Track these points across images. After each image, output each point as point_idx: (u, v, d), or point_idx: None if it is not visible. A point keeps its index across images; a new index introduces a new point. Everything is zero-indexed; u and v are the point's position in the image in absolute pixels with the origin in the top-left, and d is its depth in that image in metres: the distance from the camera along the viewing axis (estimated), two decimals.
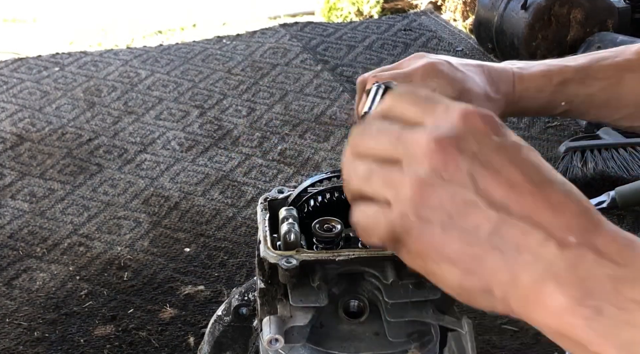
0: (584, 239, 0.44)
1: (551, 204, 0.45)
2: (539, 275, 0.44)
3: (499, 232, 0.45)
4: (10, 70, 2.75)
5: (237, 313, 0.81)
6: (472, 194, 0.45)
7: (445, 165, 0.46)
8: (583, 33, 2.55)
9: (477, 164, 0.46)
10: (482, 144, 0.47)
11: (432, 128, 0.47)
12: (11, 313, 1.67)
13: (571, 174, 2.03)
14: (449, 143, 0.46)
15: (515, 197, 0.45)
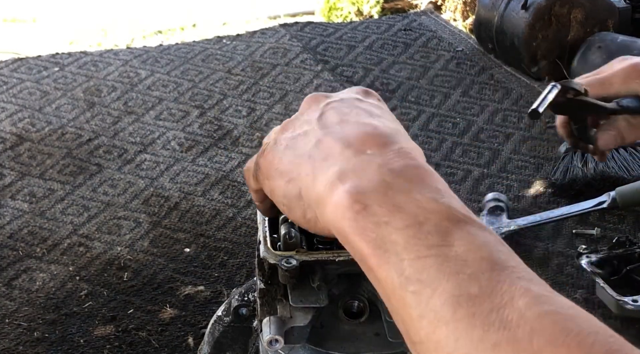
0: (378, 151, 0.51)
1: (365, 132, 0.53)
2: (332, 174, 0.51)
3: (318, 146, 0.54)
4: (10, 71, 2.75)
5: (237, 313, 0.81)
6: (315, 123, 0.55)
7: (309, 106, 0.58)
8: (583, 33, 2.55)
9: (331, 107, 0.57)
10: (346, 100, 0.58)
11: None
12: (11, 313, 1.67)
13: (571, 174, 2.03)
14: (322, 95, 0.59)
15: (340, 124, 0.54)
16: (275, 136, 0.58)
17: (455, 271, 0.44)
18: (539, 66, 2.59)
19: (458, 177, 2.12)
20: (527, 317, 0.41)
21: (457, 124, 2.39)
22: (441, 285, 0.44)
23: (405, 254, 0.46)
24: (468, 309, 0.42)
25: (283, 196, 0.56)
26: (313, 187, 0.52)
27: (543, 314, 0.41)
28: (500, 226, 1.83)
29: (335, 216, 0.49)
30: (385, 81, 2.66)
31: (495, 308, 0.42)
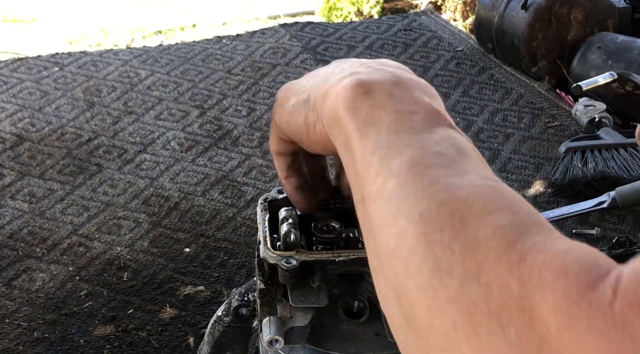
0: (394, 68, 0.54)
1: (383, 62, 0.56)
2: (346, 72, 0.53)
3: (336, 68, 0.57)
4: (10, 70, 2.75)
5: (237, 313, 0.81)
6: (336, 62, 0.59)
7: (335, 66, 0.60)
8: (583, 33, 2.55)
9: (354, 59, 0.59)
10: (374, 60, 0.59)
11: None
12: (11, 313, 1.67)
13: (571, 174, 2.03)
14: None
15: (358, 65, 0.56)
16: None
17: (424, 144, 0.47)
18: (539, 66, 2.59)
19: None
20: (472, 184, 0.43)
21: (457, 123, 2.39)
22: (407, 152, 0.46)
23: (386, 130, 0.48)
24: (422, 170, 0.45)
25: (291, 106, 0.58)
26: (323, 86, 0.55)
27: (488, 186, 0.43)
28: None
29: (336, 101, 0.51)
30: None
31: (447, 174, 0.44)
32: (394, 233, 0.44)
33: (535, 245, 0.38)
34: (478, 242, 0.40)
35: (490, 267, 0.38)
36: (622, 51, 2.39)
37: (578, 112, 2.30)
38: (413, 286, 0.42)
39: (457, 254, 0.40)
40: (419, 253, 0.42)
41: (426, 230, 0.42)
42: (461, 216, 0.41)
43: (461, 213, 0.42)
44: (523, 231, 0.39)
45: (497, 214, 0.41)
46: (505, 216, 0.41)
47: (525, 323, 0.36)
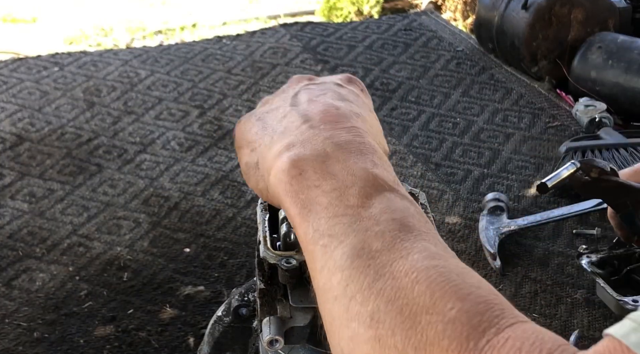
0: (330, 127, 0.55)
1: (326, 111, 0.56)
2: (283, 145, 0.55)
3: (282, 120, 0.58)
4: (9, 70, 2.75)
5: (237, 313, 0.81)
6: (288, 100, 0.60)
7: (290, 85, 0.64)
8: (584, 33, 2.55)
9: (308, 88, 0.62)
10: (326, 84, 0.63)
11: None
12: (10, 313, 1.67)
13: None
14: (305, 77, 0.66)
15: (308, 103, 0.58)
16: (254, 111, 0.64)
17: (364, 228, 0.46)
18: (539, 66, 2.59)
19: (458, 177, 2.12)
20: (417, 268, 0.43)
21: (457, 124, 2.39)
22: (348, 239, 0.46)
23: (324, 213, 0.48)
24: (365, 261, 0.44)
25: (245, 164, 0.61)
26: (267, 157, 0.56)
27: (432, 267, 0.43)
28: (501, 226, 1.83)
29: (276, 179, 0.53)
30: (385, 81, 2.65)
31: (390, 261, 0.44)
32: (347, 337, 0.43)
33: (486, 335, 0.38)
34: (430, 342, 0.39)
35: None
36: (623, 51, 2.39)
37: (578, 112, 2.30)
38: None
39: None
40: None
41: (378, 334, 0.41)
42: (410, 312, 0.41)
43: (410, 309, 0.41)
44: (474, 322, 0.39)
45: (444, 306, 0.40)
46: (454, 305, 0.40)
47: None
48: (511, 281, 1.70)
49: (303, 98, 0.60)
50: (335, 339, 0.44)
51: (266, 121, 0.60)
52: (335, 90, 0.62)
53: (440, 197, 2.03)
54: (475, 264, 1.78)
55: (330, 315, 0.45)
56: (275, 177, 0.53)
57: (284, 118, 0.58)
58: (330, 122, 0.56)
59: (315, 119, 0.56)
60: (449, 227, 1.90)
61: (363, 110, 0.60)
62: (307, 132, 0.55)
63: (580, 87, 2.45)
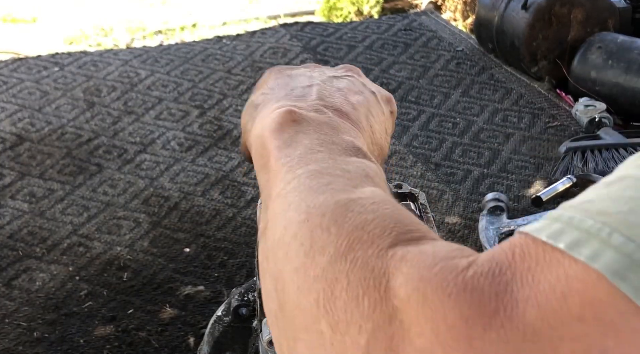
0: (339, 116, 0.56)
1: (346, 111, 0.58)
2: (292, 104, 0.56)
3: (305, 88, 0.59)
4: (9, 70, 2.75)
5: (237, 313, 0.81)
6: (327, 77, 0.63)
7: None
8: (584, 33, 2.55)
9: (349, 78, 0.64)
10: (362, 85, 0.64)
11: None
12: (11, 313, 1.67)
13: (572, 174, 2.03)
14: (315, 65, 0.68)
15: (338, 93, 0.60)
16: (295, 67, 0.67)
17: (334, 162, 0.49)
18: (539, 66, 2.59)
19: (458, 177, 2.12)
20: (366, 191, 0.45)
21: (457, 124, 2.39)
22: (315, 164, 0.48)
23: (303, 147, 0.50)
24: (323, 175, 0.46)
25: (250, 101, 0.63)
26: (270, 105, 0.58)
27: (379, 194, 0.45)
28: (500, 226, 1.83)
29: (268, 121, 0.54)
30: (385, 81, 2.65)
31: (346, 183, 0.46)
32: (282, 226, 0.45)
33: (410, 234, 0.39)
34: (356, 225, 0.40)
35: (360, 247, 0.39)
36: (623, 51, 2.39)
37: (578, 112, 2.30)
38: (288, 269, 0.42)
39: (332, 234, 0.41)
40: (298, 238, 0.42)
41: (309, 216, 0.43)
42: (345, 204, 0.43)
43: (346, 203, 0.43)
44: (403, 221, 0.40)
45: (381, 206, 0.42)
46: (389, 207, 0.42)
47: (380, 294, 0.36)
48: None
49: (339, 84, 0.62)
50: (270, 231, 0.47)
51: (293, 79, 0.63)
52: (367, 97, 0.63)
53: (440, 197, 2.03)
54: None
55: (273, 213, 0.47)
56: (269, 118, 0.55)
57: (308, 87, 0.60)
58: (341, 112, 0.58)
59: (330, 103, 0.58)
60: (449, 227, 1.90)
61: (378, 126, 0.63)
62: (316, 107, 0.57)
63: (580, 87, 2.45)
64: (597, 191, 0.35)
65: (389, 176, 2.10)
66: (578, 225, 0.33)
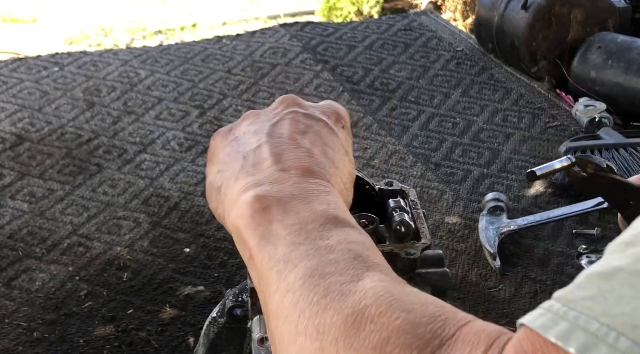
0: (301, 175, 0.55)
1: (300, 159, 0.56)
2: (251, 181, 0.55)
3: (256, 151, 0.58)
4: (9, 70, 2.75)
5: (232, 314, 0.81)
6: (268, 127, 0.60)
7: (279, 105, 0.63)
8: (584, 33, 2.55)
9: (292, 118, 0.61)
10: (313, 117, 0.62)
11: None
12: (10, 313, 1.67)
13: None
14: (295, 100, 0.64)
15: (287, 139, 0.58)
16: (233, 125, 0.64)
17: (319, 255, 0.47)
18: (539, 66, 2.59)
19: (458, 177, 2.12)
20: (365, 288, 0.44)
21: (457, 124, 2.39)
22: (302, 264, 0.47)
23: (283, 243, 0.49)
24: (316, 281, 0.45)
25: (209, 183, 0.61)
26: (231, 188, 0.57)
27: (380, 287, 0.43)
28: (500, 226, 1.83)
29: (238, 212, 0.53)
30: (385, 81, 2.65)
31: (340, 282, 0.45)
32: (294, 352, 0.44)
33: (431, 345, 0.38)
34: (372, 347, 0.40)
35: None
36: (622, 51, 2.39)
37: (578, 112, 2.30)
38: None
39: None
40: None
41: (323, 345, 0.42)
42: (354, 321, 0.41)
43: (354, 319, 0.42)
44: (418, 332, 0.39)
45: (390, 316, 0.41)
46: (398, 316, 0.41)
47: None
48: (511, 281, 1.70)
49: (284, 131, 0.60)
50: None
51: (240, 144, 0.60)
52: (317, 130, 0.61)
53: (440, 197, 2.03)
54: (475, 264, 1.78)
55: (280, 334, 0.45)
56: (238, 209, 0.54)
57: (258, 149, 0.58)
58: (302, 169, 0.56)
59: (288, 163, 0.57)
60: (448, 227, 1.90)
61: (339, 155, 0.60)
62: (277, 174, 0.55)
63: (580, 87, 2.45)
64: (593, 284, 0.36)
65: (389, 176, 2.11)
66: (585, 327, 0.34)
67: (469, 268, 1.77)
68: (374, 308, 0.42)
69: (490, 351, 0.37)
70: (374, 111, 2.47)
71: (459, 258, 1.80)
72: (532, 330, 0.35)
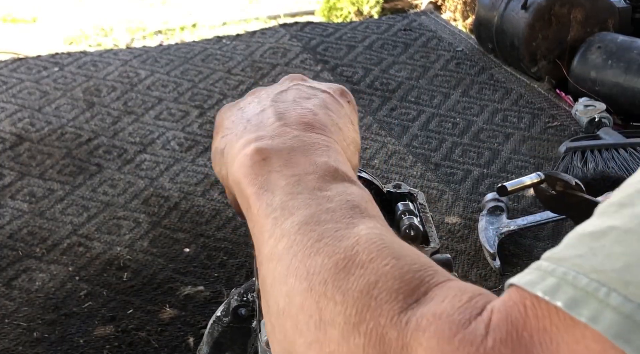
0: (302, 130, 0.56)
1: (303, 115, 0.57)
2: (253, 136, 0.56)
3: (260, 113, 0.59)
4: (9, 71, 2.75)
5: (236, 313, 0.81)
6: (273, 95, 0.62)
7: (284, 81, 0.67)
8: (583, 33, 2.55)
9: (297, 88, 0.64)
10: (317, 89, 0.65)
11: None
12: (10, 313, 1.67)
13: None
14: (301, 77, 0.70)
15: (291, 103, 0.59)
16: (240, 99, 0.65)
17: (317, 204, 0.48)
18: (539, 66, 2.59)
19: (458, 177, 2.12)
20: (359, 234, 0.44)
21: (457, 124, 2.39)
22: (299, 212, 0.47)
23: (281, 192, 0.50)
24: (312, 228, 0.46)
25: (214, 148, 0.62)
26: (233, 146, 0.57)
27: (374, 235, 0.44)
28: (500, 226, 1.83)
29: (238, 163, 0.54)
30: (385, 81, 2.65)
31: (335, 229, 0.45)
32: (284, 293, 0.44)
33: (417, 291, 0.38)
34: (360, 290, 0.40)
35: (371, 315, 0.38)
36: (622, 51, 2.39)
37: (578, 112, 2.30)
38: (301, 343, 0.42)
39: (339, 304, 0.40)
40: (305, 309, 0.42)
41: (312, 285, 0.42)
42: (345, 266, 0.42)
43: (345, 263, 0.42)
44: (406, 278, 0.40)
45: (380, 262, 0.41)
46: (388, 262, 0.41)
47: None
48: None
49: (288, 97, 0.62)
50: (272, 297, 0.45)
51: (245, 111, 0.62)
52: (322, 97, 0.62)
53: (440, 197, 2.03)
54: (475, 264, 1.78)
55: (272, 277, 0.46)
56: (238, 161, 0.54)
57: (262, 112, 0.60)
58: (304, 124, 0.57)
59: (291, 119, 0.57)
60: (448, 227, 1.90)
61: (343, 121, 0.61)
62: (279, 129, 0.56)
63: (579, 87, 2.45)
64: (584, 243, 0.35)
65: (389, 176, 2.11)
66: (573, 282, 0.33)
67: (469, 267, 1.77)
68: (365, 253, 0.42)
69: (475, 299, 0.37)
70: (374, 111, 2.47)
71: (459, 258, 1.80)
72: (519, 287, 0.35)
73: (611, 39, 2.46)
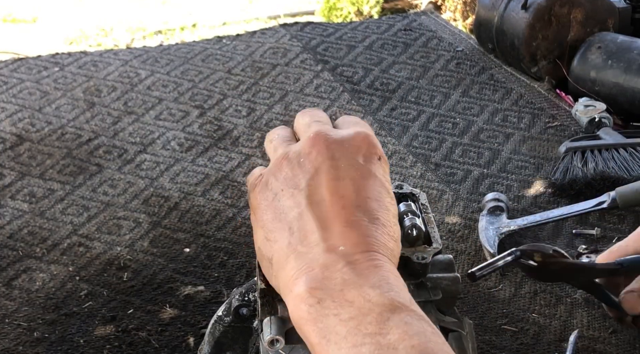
0: (348, 251, 0.54)
1: (347, 221, 0.55)
2: (302, 267, 0.54)
3: (299, 220, 0.57)
4: (9, 71, 2.75)
5: (238, 313, 0.81)
6: (305, 186, 0.57)
7: (311, 148, 0.59)
8: (584, 33, 2.55)
9: (329, 166, 0.58)
10: (345, 159, 0.59)
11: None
12: (11, 313, 1.67)
13: (571, 174, 2.03)
14: (325, 136, 0.60)
15: (329, 200, 0.57)
16: (269, 174, 0.61)
17: (380, 349, 0.48)
18: (539, 66, 2.60)
19: (458, 177, 2.12)
20: None
21: (457, 124, 2.39)
22: None
23: (344, 343, 0.49)
24: None
25: (258, 248, 0.61)
26: (283, 268, 0.56)
27: None
28: (500, 226, 1.83)
29: (294, 305, 0.54)
30: (385, 81, 2.66)
31: None
32: None
33: None
34: None
35: None
36: (622, 51, 2.39)
37: (578, 112, 2.30)
38: None
39: None
40: None
41: None
42: None
43: None
44: None
45: None
46: None
47: None
48: (511, 281, 1.70)
49: (323, 189, 0.57)
50: None
51: (279, 207, 0.58)
52: (354, 176, 0.58)
53: (440, 197, 2.03)
54: (475, 264, 1.78)
55: None
56: (293, 302, 0.54)
57: (301, 218, 0.56)
58: (350, 244, 0.55)
59: (334, 239, 0.55)
60: (448, 227, 1.91)
61: (382, 203, 0.58)
62: (325, 256, 0.54)
63: (579, 87, 2.45)
64: None
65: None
66: None
67: (469, 268, 1.77)
68: None
69: None
70: (374, 111, 2.47)
71: (459, 258, 1.80)
72: None
73: (611, 39, 2.47)
